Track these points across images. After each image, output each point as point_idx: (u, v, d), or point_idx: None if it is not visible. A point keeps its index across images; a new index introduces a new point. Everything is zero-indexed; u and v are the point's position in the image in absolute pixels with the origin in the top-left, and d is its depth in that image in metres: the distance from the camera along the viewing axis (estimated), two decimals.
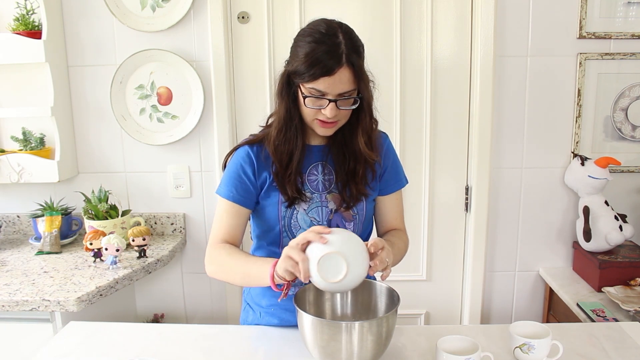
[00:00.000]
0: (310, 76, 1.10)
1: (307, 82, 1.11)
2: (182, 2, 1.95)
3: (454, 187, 2.12)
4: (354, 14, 2.00)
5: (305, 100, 1.14)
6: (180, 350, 1.20)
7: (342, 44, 1.10)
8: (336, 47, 1.09)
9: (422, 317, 2.23)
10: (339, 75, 1.10)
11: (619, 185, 2.04)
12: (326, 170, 1.26)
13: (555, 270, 2.08)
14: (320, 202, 1.25)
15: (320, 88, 1.11)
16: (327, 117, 1.14)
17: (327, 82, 1.10)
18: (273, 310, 1.32)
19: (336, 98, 1.12)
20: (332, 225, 1.26)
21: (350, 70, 1.11)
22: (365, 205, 1.28)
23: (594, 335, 1.25)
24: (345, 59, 1.09)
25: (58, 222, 1.93)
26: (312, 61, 1.09)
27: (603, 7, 1.92)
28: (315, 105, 1.14)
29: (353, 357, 1.03)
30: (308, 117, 1.18)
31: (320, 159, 1.26)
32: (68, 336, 1.28)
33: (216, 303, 2.20)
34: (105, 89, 2.01)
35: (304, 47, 1.11)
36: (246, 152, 1.25)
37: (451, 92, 2.05)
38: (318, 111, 1.15)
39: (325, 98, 1.12)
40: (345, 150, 1.24)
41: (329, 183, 1.26)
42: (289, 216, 1.24)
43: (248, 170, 1.24)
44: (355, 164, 1.23)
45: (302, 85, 1.13)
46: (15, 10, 1.93)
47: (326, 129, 1.19)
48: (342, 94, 1.12)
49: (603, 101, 1.99)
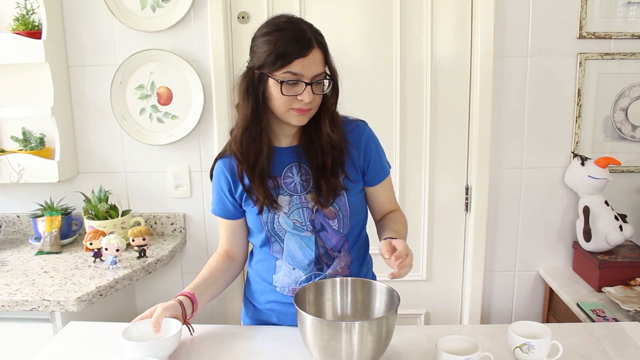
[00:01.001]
0: (284, 61, 1.11)
1: (280, 67, 1.12)
2: (182, 2, 1.95)
3: (454, 187, 2.12)
4: (354, 14, 2.00)
5: (282, 86, 1.12)
6: (180, 350, 1.20)
7: (307, 30, 1.14)
8: (303, 32, 1.13)
9: (422, 317, 2.23)
10: (312, 56, 1.12)
11: (619, 185, 2.04)
12: (302, 170, 1.25)
13: (555, 270, 2.08)
14: (300, 203, 1.24)
15: (296, 71, 1.11)
16: (304, 102, 1.14)
17: (301, 63, 1.11)
18: (271, 307, 1.33)
19: (311, 80, 1.13)
20: (316, 225, 1.25)
21: (321, 52, 1.15)
22: (348, 199, 1.26)
23: (594, 335, 1.25)
24: (315, 41, 1.13)
25: (58, 222, 1.93)
26: (285, 47, 1.11)
27: (603, 7, 1.92)
28: (291, 91, 1.13)
29: (353, 357, 1.03)
30: (283, 108, 1.16)
31: (294, 160, 1.25)
32: (68, 336, 1.28)
33: (216, 303, 2.16)
34: (105, 89, 2.01)
35: (270, 39, 1.13)
36: (220, 168, 1.28)
37: (451, 92, 2.05)
38: (294, 99, 1.14)
39: (301, 81, 1.13)
40: (312, 147, 1.23)
41: (307, 183, 1.24)
42: (271, 221, 1.25)
43: (224, 187, 1.28)
44: (323, 157, 1.22)
45: (274, 75, 1.13)
46: (15, 10, 1.93)
47: (302, 117, 1.17)
48: (317, 76, 1.14)
49: (603, 101, 1.99)
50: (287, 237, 1.27)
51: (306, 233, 1.26)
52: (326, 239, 1.27)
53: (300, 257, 1.27)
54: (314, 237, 1.26)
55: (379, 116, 2.04)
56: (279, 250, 1.28)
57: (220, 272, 1.32)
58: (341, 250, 1.29)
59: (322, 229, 1.26)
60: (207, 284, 1.28)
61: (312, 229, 1.25)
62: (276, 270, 1.30)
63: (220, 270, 1.32)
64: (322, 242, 1.27)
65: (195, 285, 1.27)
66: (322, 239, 1.27)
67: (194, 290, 1.25)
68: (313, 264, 1.27)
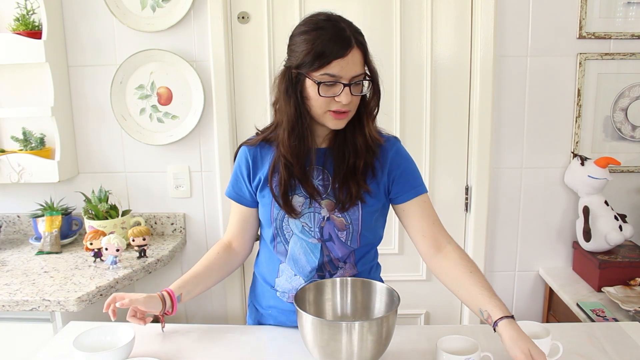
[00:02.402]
0: (322, 61, 1.08)
1: (319, 68, 1.08)
2: (182, 2, 1.95)
3: (454, 187, 2.12)
4: (354, 13, 1.99)
5: (319, 87, 1.09)
6: (180, 350, 1.20)
7: (347, 29, 1.11)
8: (342, 31, 1.10)
9: (422, 317, 2.23)
10: (351, 57, 1.09)
11: (618, 185, 2.04)
12: (324, 175, 1.22)
13: (555, 270, 2.08)
14: (313, 207, 1.22)
15: (334, 72, 1.08)
16: (342, 104, 1.11)
17: (340, 64, 1.08)
18: (271, 312, 1.33)
19: (350, 81, 1.10)
20: (324, 233, 1.22)
21: (360, 52, 1.11)
22: (361, 214, 1.21)
23: (594, 335, 1.25)
24: (355, 41, 1.10)
25: (58, 222, 1.93)
26: (323, 46, 1.08)
27: (603, 7, 1.92)
28: (329, 93, 1.10)
29: (353, 357, 1.03)
30: (320, 110, 1.13)
31: (318, 163, 1.22)
32: (68, 336, 1.28)
33: (216, 303, 2.20)
34: (105, 89, 2.01)
35: (308, 38, 1.10)
36: (244, 153, 1.27)
37: (451, 92, 2.05)
38: (331, 101, 1.11)
39: (339, 82, 1.09)
40: (345, 149, 1.20)
41: (325, 189, 1.21)
42: (281, 218, 1.23)
43: (244, 171, 1.26)
44: (355, 159, 1.19)
45: (312, 75, 1.10)
46: (15, 10, 1.93)
47: (339, 121, 1.15)
48: (355, 77, 1.11)
49: (603, 101, 1.99)
50: (292, 240, 1.24)
51: (312, 240, 1.23)
52: (332, 249, 1.24)
53: (303, 262, 1.24)
54: (320, 245, 1.23)
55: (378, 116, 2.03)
56: (282, 252, 1.26)
57: (217, 267, 1.30)
58: (347, 262, 1.26)
59: (330, 239, 1.23)
60: (197, 281, 1.27)
61: (319, 237, 1.23)
62: (279, 273, 1.29)
63: (217, 265, 1.30)
64: (328, 251, 1.24)
65: (184, 282, 1.26)
66: (328, 248, 1.24)
67: (182, 288, 1.25)
68: (315, 271, 1.24)
